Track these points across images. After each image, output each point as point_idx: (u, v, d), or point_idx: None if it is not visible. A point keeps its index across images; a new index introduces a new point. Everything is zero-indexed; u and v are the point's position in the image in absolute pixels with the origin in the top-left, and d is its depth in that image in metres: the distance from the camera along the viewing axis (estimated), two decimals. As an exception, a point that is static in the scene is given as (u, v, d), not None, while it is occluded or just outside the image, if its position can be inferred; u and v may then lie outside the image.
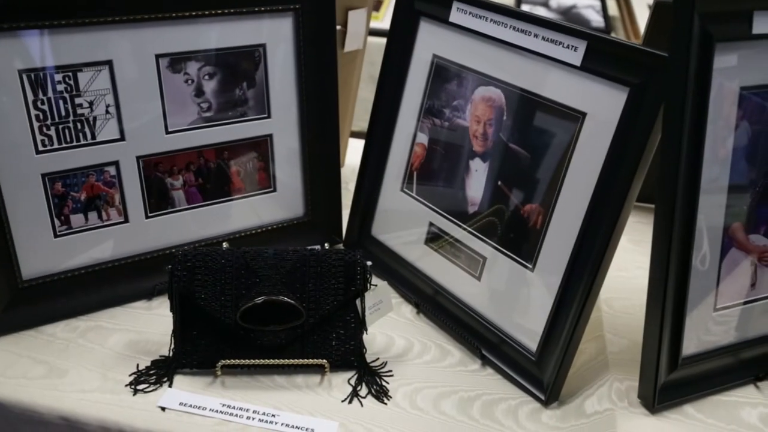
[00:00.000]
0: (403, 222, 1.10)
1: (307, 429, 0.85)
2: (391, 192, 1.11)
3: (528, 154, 0.91)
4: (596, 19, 2.30)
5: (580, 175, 0.85)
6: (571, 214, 0.86)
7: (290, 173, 1.14)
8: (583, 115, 0.84)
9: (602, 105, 0.82)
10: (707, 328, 0.84)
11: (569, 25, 0.84)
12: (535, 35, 0.87)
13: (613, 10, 2.40)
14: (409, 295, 1.07)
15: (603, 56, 0.81)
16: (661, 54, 0.75)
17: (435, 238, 1.05)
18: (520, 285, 0.93)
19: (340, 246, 1.19)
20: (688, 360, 0.83)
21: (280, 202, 1.15)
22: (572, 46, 0.83)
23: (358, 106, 1.43)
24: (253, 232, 1.13)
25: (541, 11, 2.32)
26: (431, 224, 1.05)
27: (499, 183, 0.95)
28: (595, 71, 0.82)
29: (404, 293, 1.08)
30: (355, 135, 1.47)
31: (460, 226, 1.00)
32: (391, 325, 1.03)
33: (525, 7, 2.27)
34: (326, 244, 0.95)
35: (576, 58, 0.83)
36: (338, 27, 1.24)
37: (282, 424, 0.85)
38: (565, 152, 0.86)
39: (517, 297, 0.94)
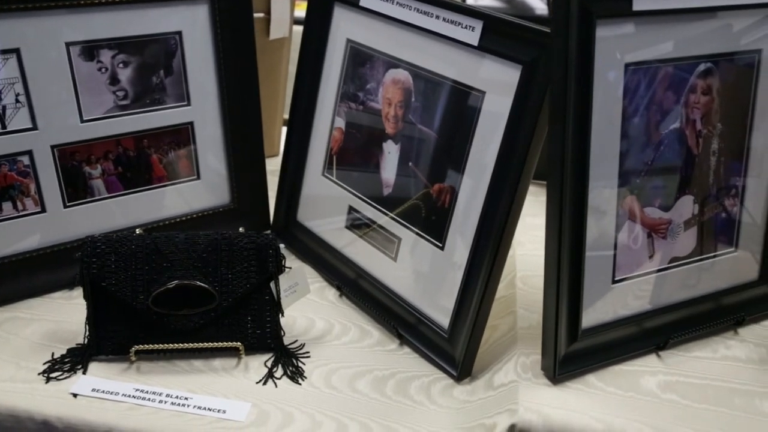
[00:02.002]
0: (325, 207, 1.11)
1: (218, 410, 0.86)
2: (314, 177, 1.12)
3: (435, 134, 0.93)
4: (540, 7, 2.31)
5: (482, 153, 0.87)
6: (475, 192, 0.88)
7: (214, 161, 1.14)
8: (483, 93, 0.85)
9: (499, 83, 0.83)
10: (606, 300, 0.86)
11: (466, 5, 0.86)
12: (437, 16, 0.88)
13: (558, -3, 2.42)
14: (332, 279, 1.08)
15: (498, 35, 0.83)
16: (548, 31, 0.76)
17: (355, 221, 1.06)
18: (432, 264, 0.94)
19: (268, 232, 1.20)
20: (589, 332, 0.85)
21: (205, 190, 1.15)
22: (470, 26, 0.85)
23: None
24: (179, 220, 1.14)
25: None
26: (351, 207, 1.06)
27: (410, 164, 0.96)
28: (491, 50, 0.84)
29: (328, 277, 1.09)
30: (289, 123, 1.47)
31: (376, 208, 1.02)
32: (313, 308, 1.04)
33: (470, -3, 2.28)
34: (241, 229, 0.95)
35: (473, 37, 0.85)
36: (261, 14, 1.25)
37: (194, 407, 0.86)
38: (468, 131, 0.88)
39: (429, 276, 0.95)
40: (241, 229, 0.95)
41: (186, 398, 0.87)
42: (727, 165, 0.90)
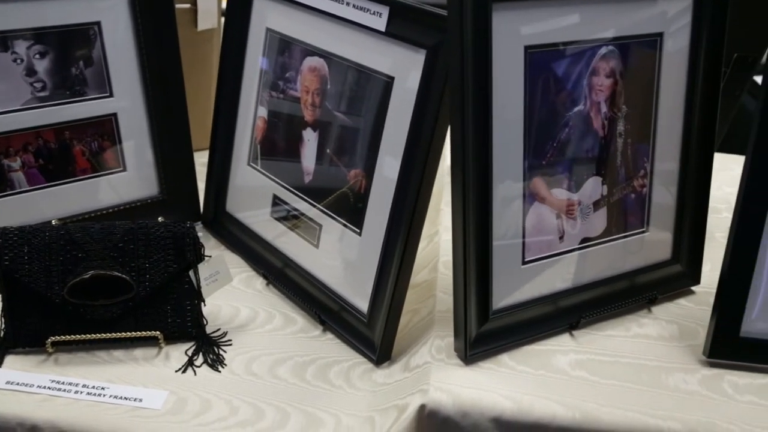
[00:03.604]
0: (252, 196, 1.11)
1: (135, 399, 0.86)
2: (240, 167, 1.12)
3: (350, 120, 0.93)
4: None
5: (394, 138, 0.88)
6: (388, 176, 0.89)
7: (140, 152, 1.14)
8: (392, 79, 0.86)
9: (406, 68, 0.84)
10: (517, 281, 0.88)
11: (372, -9, 0.87)
12: (347, 3, 0.89)
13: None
14: (259, 268, 1.09)
15: (403, 21, 0.84)
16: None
17: (279, 210, 1.06)
18: (351, 250, 0.95)
19: (198, 224, 1.20)
20: (500, 312, 0.87)
21: (133, 182, 1.14)
22: (377, 12, 0.86)
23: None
24: (107, 212, 1.13)
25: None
26: (275, 196, 1.06)
27: (328, 151, 0.97)
28: (398, 36, 0.85)
29: (256, 266, 1.10)
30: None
31: (298, 196, 1.02)
32: (239, 297, 1.04)
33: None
34: (160, 218, 0.95)
35: (381, 23, 0.86)
36: (188, 5, 1.25)
37: (110, 396, 0.86)
38: (379, 117, 0.89)
39: (349, 262, 0.96)
40: (160, 218, 0.95)
41: (103, 388, 0.87)
42: (635, 147, 0.92)
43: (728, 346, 0.88)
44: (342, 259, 0.97)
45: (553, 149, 0.85)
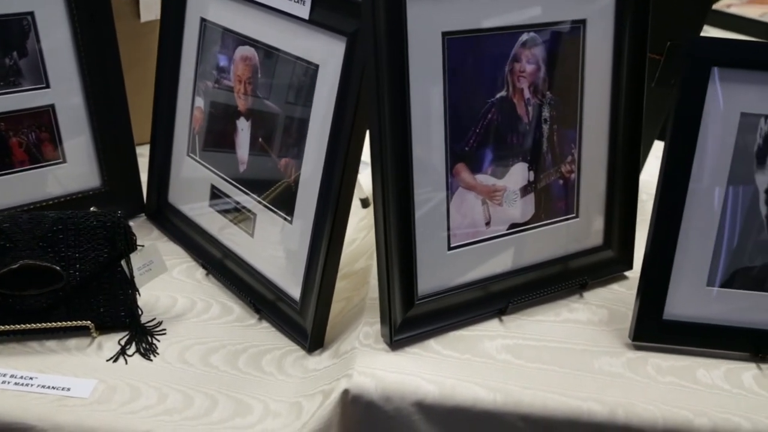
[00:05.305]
0: (192, 187, 1.11)
1: (63, 388, 0.86)
2: (180, 158, 1.13)
3: (280, 109, 0.94)
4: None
5: (319, 126, 0.88)
6: (315, 164, 0.89)
7: (80, 144, 1.13)
8: (317, 66, 0.87)
9: (329, 56, 0.85)
10: (443, 267, 0.88)
11: (296, -21, 0.87)
12: (273, -8, 0.90)
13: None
14: (198, 259, 1.09)
15: (325, 8, 0.85)
16: (365, 3, 0.78)
17: (217, 200, 1.07)
18: (283, 238, 0.96)
19: (142, 216, 1.20)
20: (425, 298, 0.87)
21: (73, 174, 1.14)
22: (301, 0, 0.86)
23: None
24: (46, 203, 1.12)
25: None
26: (213, 186, 1.07)
27: (260, 140, 0.97)
28: (320, 23, 0.85)
29: (195, 257, 1.10)
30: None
31: (234, 186, 1.03)
32: (177, 287, 1.04)
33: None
34: (93, 208, 0.95)
35: (304, 11, 0.86)
36: (129, -4, 1.25)
37: (38, 386, 0.86)
38: (306, 104, 0.89)
39: (282, 250, 0.96)
40: (92, 208, 0.95)
41: (31, 378, 0.87)
42: (561, 133, 0.93)
43: (652, 329, 0.89)
44: (275, 248, 0.97)
45: (476, 135, 0.86)
